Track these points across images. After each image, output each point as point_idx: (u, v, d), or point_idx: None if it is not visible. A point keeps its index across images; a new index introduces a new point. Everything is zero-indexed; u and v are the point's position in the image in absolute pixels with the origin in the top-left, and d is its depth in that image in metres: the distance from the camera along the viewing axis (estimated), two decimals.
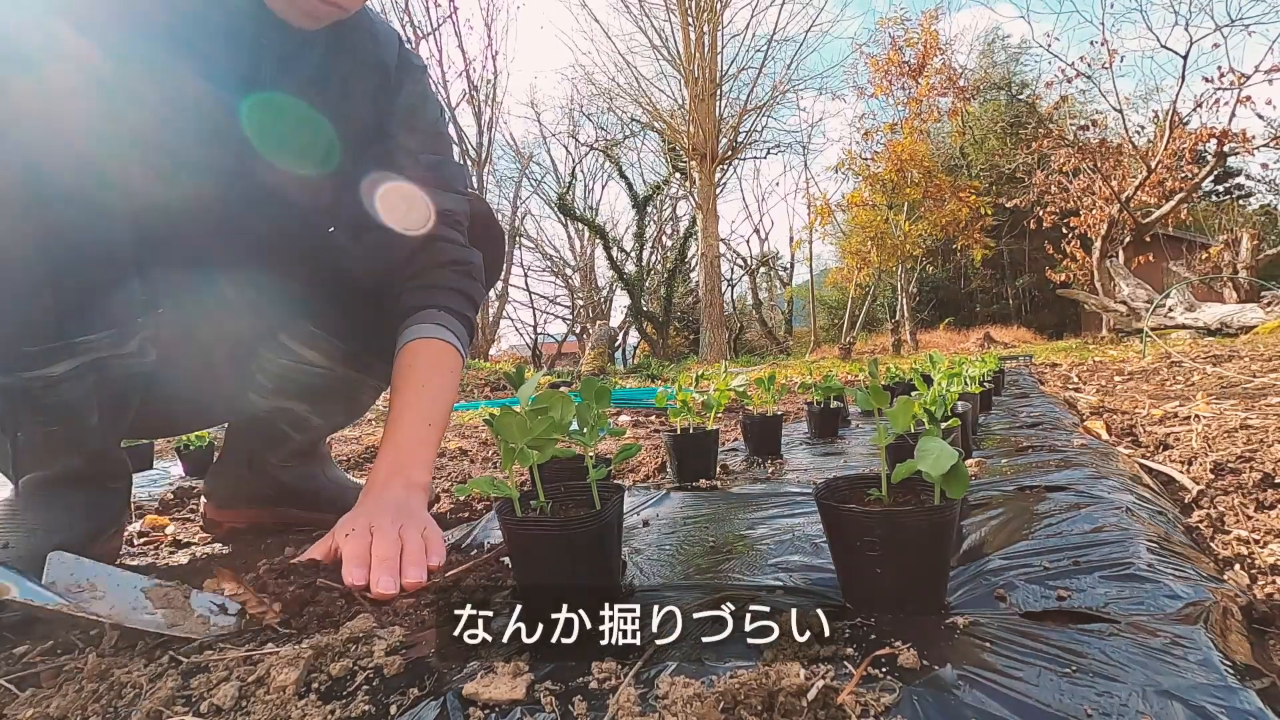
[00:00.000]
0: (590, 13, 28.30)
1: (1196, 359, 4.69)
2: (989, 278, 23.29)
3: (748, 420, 1.89)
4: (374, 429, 3.58)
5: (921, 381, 1.36)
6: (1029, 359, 7.69)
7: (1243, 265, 10.88)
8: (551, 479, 0.85)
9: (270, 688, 0.59)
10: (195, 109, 0.95)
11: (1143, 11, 29.92)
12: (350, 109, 1.10)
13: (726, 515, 1.19)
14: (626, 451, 0.93)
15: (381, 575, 0.82)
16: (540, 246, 25.46)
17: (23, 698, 0.63)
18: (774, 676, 0.52)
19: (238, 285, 1.15)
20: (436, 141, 1.20)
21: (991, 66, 22.81)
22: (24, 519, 0.99)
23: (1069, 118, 16.25)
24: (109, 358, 0.97)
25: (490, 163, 17.77)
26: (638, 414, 3.79)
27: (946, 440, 0.70)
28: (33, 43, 0.80)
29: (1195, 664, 0.56)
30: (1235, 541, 1.00)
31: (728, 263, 24.37)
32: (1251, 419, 1.89)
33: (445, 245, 1.17)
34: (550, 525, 0.73)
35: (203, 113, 0.96)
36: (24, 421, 0.97)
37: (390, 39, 1.16)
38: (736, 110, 17.47)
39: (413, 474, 1.01)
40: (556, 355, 22.84)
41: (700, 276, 16.97)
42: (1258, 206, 21.53)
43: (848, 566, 0.74)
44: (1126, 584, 0.73)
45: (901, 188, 16.18)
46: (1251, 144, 11.46)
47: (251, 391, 1.26)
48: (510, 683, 0.57)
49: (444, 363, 1.11)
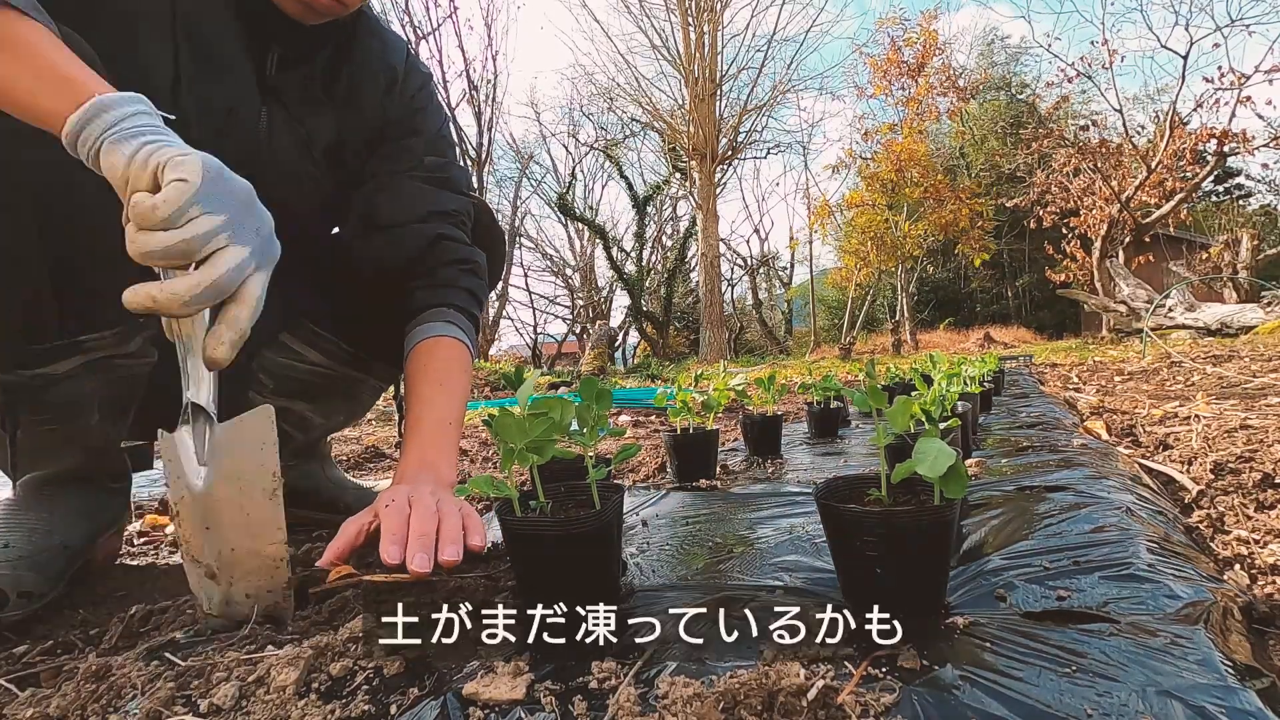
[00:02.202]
0: (590, 13, 28.39)
1: (1196, 359, 4.69)
2: (989, 278, 23.30)
3: (748, 420, 1.89)
4: (374, 429, 3.58)
5: (921, 382, 1.36)
6: (1029, 359, 7.69)
7: (1243, 265, 10.88)
8: (551, 479, 0.85)
9: (270, 687, 0.58)
10: (200, 108, 0.95)
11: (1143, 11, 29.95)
12: (357, 111, 1.11)
13: (726, 515, 1.19)
14: (626, 451, 0.93)
15: (417, 552, 0.79)
16: (540, 246, 25.48)
17: (22, 697, 0.63)
18: (774, 676, 0.52)
19: None
20: (440, 144, 1.21)
21: (991, 66, 22.82)
22: (24, 519, 0.99)
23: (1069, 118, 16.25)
24: (110, 357, 0.97)
25: (490, 163, 17.75)
26: (638, 414, 3.79)
27: (946, 440, 0.70)
28: None
29: (1195, 664, 0.56)
30: (1235, 541, 1.00)
31: (728, 263, 24.38)
32: (1251, 419, 1.89)
33: (451, 244, 1.18)
34: (550, 525, 0.73)
35: (208, 111, 0.96)
36: (24, 420, 0.97)
37: (399, 45, 1.18)
38: (736, 110, 17.49)
39: (441, 471, 1.00)
40: (556, 355, 22.83)
41: (700, 276, 16.98)
42: (1258, 206, 21.55)
43: (848, 566, 0.74)
44: (1126, 584, 0.73)
45: (901, 188, 16.18)
46: (1251, 144, 11.46)
47: (253, 391, 1.26)
48: (510, 683, 0.57)
49: (460, 361, 1.11)
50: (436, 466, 1.00)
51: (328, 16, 1.00)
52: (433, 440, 1.03)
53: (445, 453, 1.03)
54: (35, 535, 0.97)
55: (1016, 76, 22.77)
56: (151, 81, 0.90)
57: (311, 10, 0.98)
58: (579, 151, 23.88)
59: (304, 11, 0.98)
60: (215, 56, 0.95)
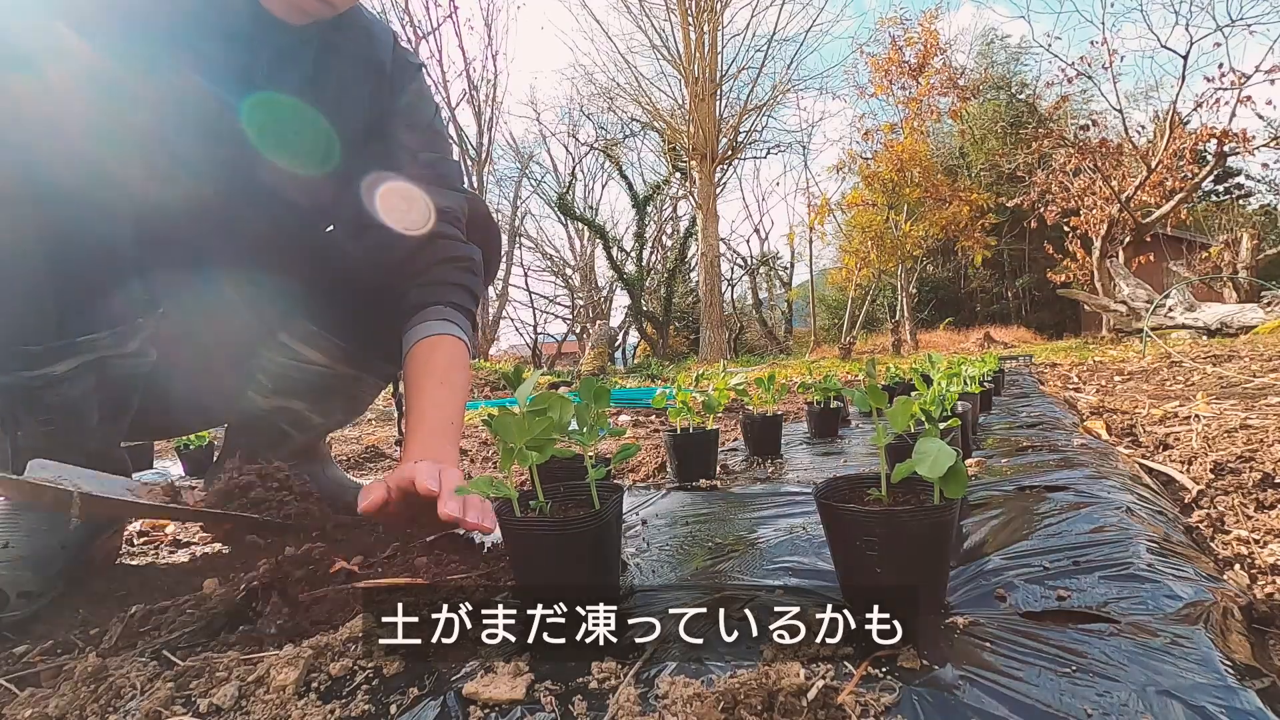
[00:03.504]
0: (590, 13, 28.39)
1: (1196, 359, 4.69)
2: (989, 278, 23.29)
3: (748, 420, 1.89)
4: (374, 428, 3.58)
5: (921, 381, 1.36)
6: (1029, 359, 7.68)
7: (1243, 265, 10.88)
8: (551, 479, 0.84)
9: (270, 688, 0.58)
10: (195, 108, 0.95)
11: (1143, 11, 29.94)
12: (347, 107, 1.11)
13: (726, 515, 1.19)
14: (626, 451, 0.93)
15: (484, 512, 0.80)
16: (540, 246, 25.46)
17: (22, 697, 0.63)
18: (774, 676, 0.52)
19: (238, 284, 1.15)
20: (434, 139, 1.20)
21: (990, 66, 22.79)
22: (26, 519, 0.99)
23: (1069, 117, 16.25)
24: (110, 357, 0.97)
25: (490, 163, 17.78)
26: (637, 414, 3.79)
27: (946, 440, 0.70)
28: (33, 43, 0.80)
29: (1195, 664, 0.56)
30: (1235, 541, 1.00)
31: (728, 263, 24.37)
32: (1251, 419, 1.89)
33: (446, 242, 1.17)
34: (549, 525, 0.73)
35: (202, 112, 0.96)
36: (24, 421, 0.97)
37: (385, 37, 1.17)
38: (736, 110, 17.49)
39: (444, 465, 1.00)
40: (556, 355, 22.82)
41: (700, 276, 16.97)
42: (1258, 206, 21.53)
43: (848, 566, 0.74)
44: (1126, 584, 0.73)
45: (901, 187, 16.17)
46: (1251, 144, 11.46)
47: (251, 390, 1.26)
48: (510, 682, 0.57)
49: (459, 359, 1.12)
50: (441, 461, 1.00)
51: (314, 17, 1.00)
52: (436, 436, 1.03)
53: (448, 449, 1.03)
54: (35, 535, 0.96)
55: (1016, 76, 22.77)
56: (156, 82, 0.90)
57: (299, 11, 0.98)
58: (579, 151, 23.89)
59: (291, 12, 0.98)
60: (208, 60, 0.95)
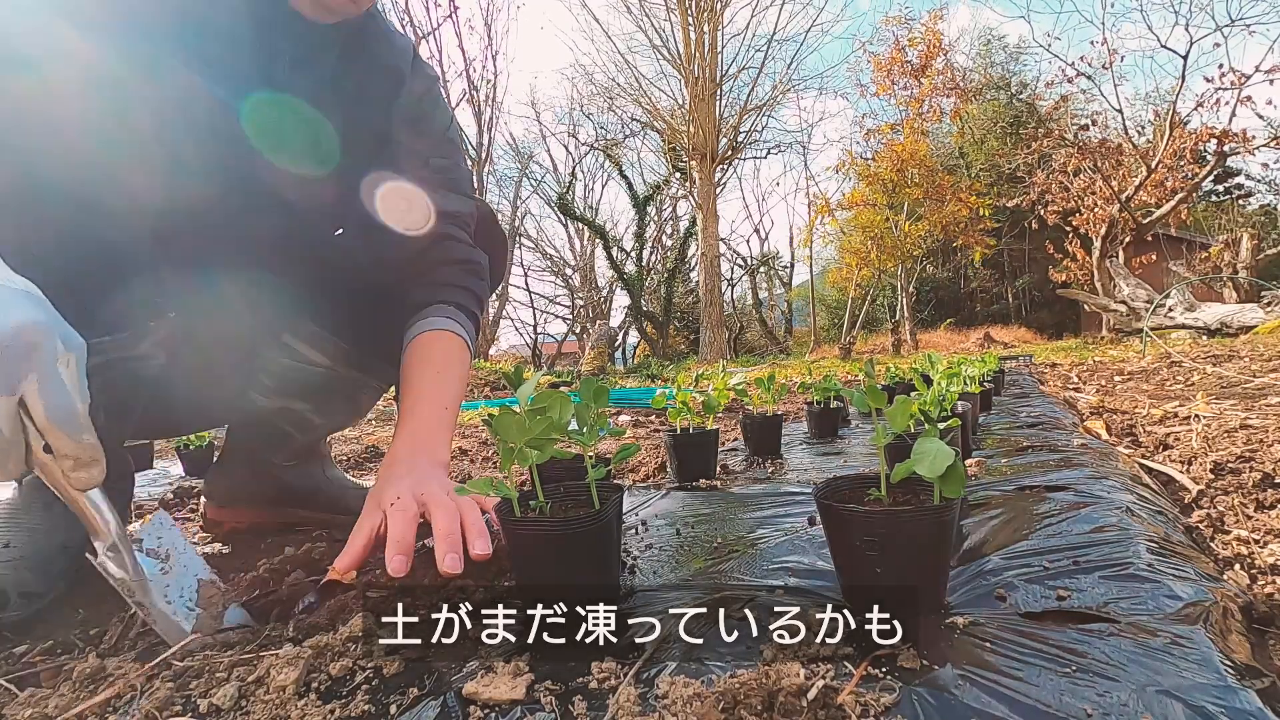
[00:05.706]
0: (590, 12, 28.40)
1: (1196, 359, 4.69)
2: (989, 278, 23.30)
3: (747, 420, 1.89)
4: (374, 429, 3.58)
5: (921, 381, 1.36)
6: (1029, 359, 7.69)
7: (1243, 265, 10.88)
8: (551, 479, 0.84)
9: (270, 688, 0.59)
10: (203, 111, 0.95)
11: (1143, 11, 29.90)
12: (363, 112, 1.11)
13: (726, 515, 1.19)
14: (626, 451, 0.93)
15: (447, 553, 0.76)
16: (540, 246, 25.48)
17: (22, 697, 0.63)
18: (774, 676, 0.52)
19: (242, 286, 1.15)
20: (446, 147, 1.21)
21: (990, 66, 22.79)
22: (26, 519, 0.99)
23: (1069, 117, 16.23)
24: (117, 360, 0.97)
25: (490, 163, 17.76)
26: (637, 414, 3.79)
27: (946, 440, 0.70)
28: (37, 45, 0.80)
29: (1195, 664, 0.56)
30: (1235, 541, 1.00)
31: (728, 263, 24.40)
32: (1251, 419, 1.89)
33: (452, 245, 1.18)
34: (550, 525, 0.73)
35: (210, 114, 0.96)
36: None
37: (405, 46, 1.18)
38: (736, 110, 17.49)
39: (436, 452, 0.99)
40: (556, 355, 22.83)
41: (700, 276, 16.97)
42: (1258, 206, 21.52)
43: (848, 566, 0.74)
44: (1126, 584, 0.73)
45: (902, 187, 16.18)
46: (1251, 144, 11.45)
47: (254, 391, 1.26)
48: (510, 682, 0.57)
49: (457, 354, 1.11)
50: (431, 447, 0.99)
51: (340, 15, 1.01)
52: (428, 424, 1.02)
53: (439, 434, 1.02)
54: (37, 535, 0.97)
55: (1016, 76, 22.77)
56: (160, 84, 0.90)
57: (325, 9, 0.98)
58: (579, 151, 23.91)
59: (318, 10, 0.98)
60: (225, 59, 0.95)
